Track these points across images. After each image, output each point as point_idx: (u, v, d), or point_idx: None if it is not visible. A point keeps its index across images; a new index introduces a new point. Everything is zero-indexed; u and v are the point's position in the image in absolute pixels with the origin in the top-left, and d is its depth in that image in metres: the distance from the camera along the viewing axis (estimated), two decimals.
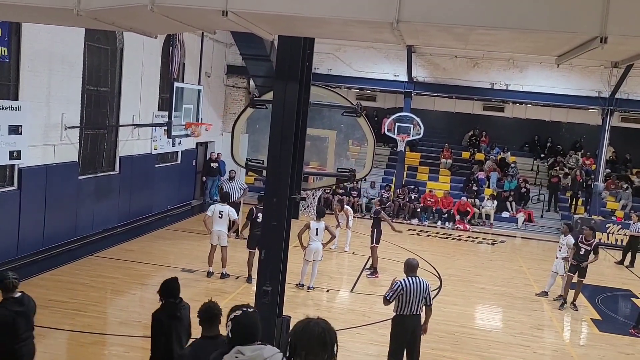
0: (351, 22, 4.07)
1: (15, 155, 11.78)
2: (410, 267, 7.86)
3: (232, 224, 12.49)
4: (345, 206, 16.77)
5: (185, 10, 4.13)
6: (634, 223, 18.37)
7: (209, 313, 4.78)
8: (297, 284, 12.18)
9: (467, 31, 3.95)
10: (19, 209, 12.05)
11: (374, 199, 22.32)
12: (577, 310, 12.55)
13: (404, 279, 7.74)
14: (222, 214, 12.31)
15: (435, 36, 4.29)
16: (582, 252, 12.51)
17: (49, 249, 12.90)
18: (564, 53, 4.47)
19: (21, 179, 12.08)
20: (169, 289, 5.76)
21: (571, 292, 12.75)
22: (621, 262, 18.07)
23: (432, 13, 3.79)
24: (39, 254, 12.55)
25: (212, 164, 20.66)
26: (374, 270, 13.80)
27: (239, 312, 3.82)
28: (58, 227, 13.18)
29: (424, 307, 7.87)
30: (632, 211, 20.23)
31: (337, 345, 3.26)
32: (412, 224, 21.22)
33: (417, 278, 7.78)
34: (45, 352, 8.53)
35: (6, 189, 11.89)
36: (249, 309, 3.87)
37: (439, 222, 21.50)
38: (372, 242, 13.90)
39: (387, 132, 21.60)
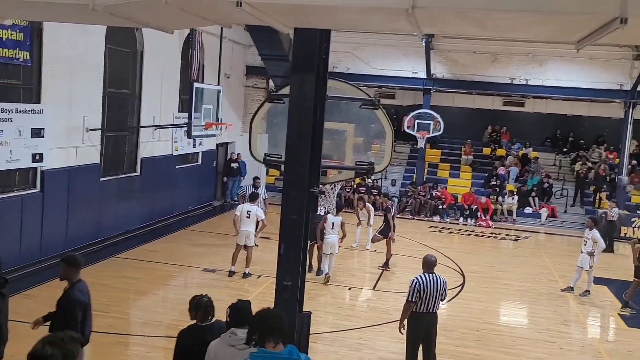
0: (366, 10, 4.04)
1: (37, 157, 11.94)
2: (428, 264, 7.73)
3: (260, 223, 12.55)
4: (367, 204, 16.70)
5: (199, 2, 4.14)
6: (611, 209, 18.58)
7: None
8: (324, 282, 12.30)
9: (484, 15, 3.89)
10: (42, 211, 12.21)
11: (395, 196, 22.22)
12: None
13: (420, 276, 7.62)
14: (249, 214, 12.37)
15: (452, 22, 4.24)
16: None
17: (71, 250, 12.98)
18: (583, 37, 4.38)
19: (44, 181, 12.23)
20: None
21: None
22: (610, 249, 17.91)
23: None
24: (61, 256, 12.66)
25: (232, 165, 20.75)
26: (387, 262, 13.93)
27: (236, 301, 4.85)
28: (80, 228, 13.33)
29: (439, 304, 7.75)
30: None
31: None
32: (434, 221, 21.08)
33: (434, 275, 7.62)
34: None
35: (29, 192, 12.05)
36: (244, 300, 4.92)
37: (461, 219, 21.32)
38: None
39: (407, 130, 21.49)
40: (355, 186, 21.74)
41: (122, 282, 11.54)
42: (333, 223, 12.43)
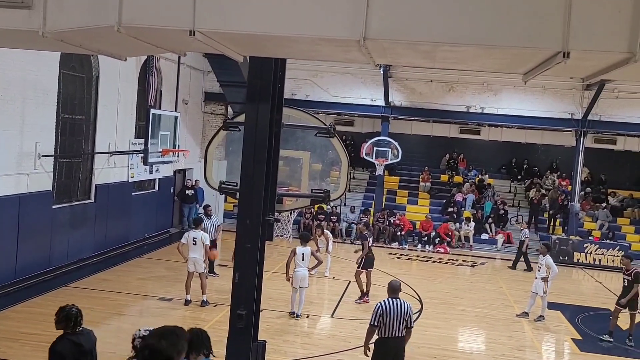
0: (319, 41, 4.09)
1: None
2: (393, 289, 7.77)
3: (205, 250, 12.33)
4: (325, 231, 16.70)
5: (152, 31, 4.12)
6: (522, 230, 19.53)
7: None
8: (289, 312, 12.00)
9: (433, 48, 3.99)
10: None
11: (354, 223, 22.28)
12: (632, 345, 11.96)
13: (384, 301, 7.65)
14: (195, 241, 12.22)
15: (403, 54, 4.32)
16: (626, 284, 12.03)
17: (21, 280, 12.59)
18: (530, 70, 4.52)
19: None
20: None
21: (621, 324, 12.30)
22: (513, 267, 19.04)
23: (398, 30, 3.82)
24: (10, 286, 12.24)
25: (187, 191, 20.50)
26: (362, 295, 13.60)
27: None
28: (31, 257, 12.90)
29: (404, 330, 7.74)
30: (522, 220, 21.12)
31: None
32: (393, 248, 21.20)
33: (398, 300, 7.67)
34: None
35: None
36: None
37: (419, 245, 21.51)
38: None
39: (365, 157, 21.68)
40: (314, 213, 21.73)
41: None
42: (303, 254, 11.88)
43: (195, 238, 12.23)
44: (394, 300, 7.65)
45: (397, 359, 7.75)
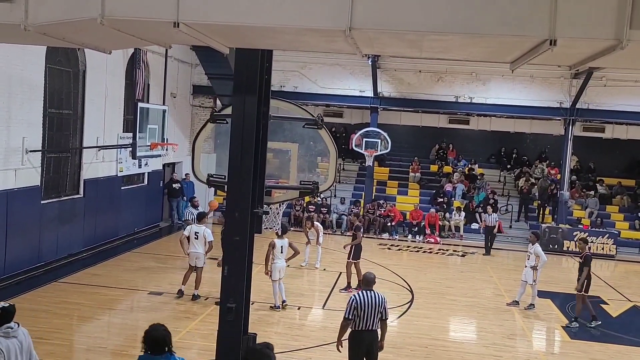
0: (304, 32, 4.06)
1: None
2: (367, 281, 7.66)
3: (207, 245, 12.30)
4: (315, 222, 16.69)
5: (135, 23, 4.07)
6: (489, 215, 19.80)
7: None
8: (271, 306, 11.95)
9: (419, 37, 3.97)
10: None
11: (344, 214, 22.29)
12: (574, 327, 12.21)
13: (358, 293, 7.55)
14: (197, 235, 12.20)
15: (389, 44, 4.30)
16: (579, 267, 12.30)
17: (10, 276, 12.51)
18: (517, 58, 4.52)
19: None
20: None
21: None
22: (487, 253, 19.45)
23: (383, 20, 3.80)
24: (1, 281, 12.18)
25: (174, 185, 20.40)
26: (347, 286, 13.64)
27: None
28: (20, 253, 12.83)
29: (380, 322, 7.59)
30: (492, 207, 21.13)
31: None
32: (383, 238, 21.25)
33: (372, 292, 7.53)
34: None
35: None
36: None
37: (410, 236, 21.56)
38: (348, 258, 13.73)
39: (355, 148, 21.67)
40: (304, 205, 21.73)
41: (63, 308, 11.13)
42: (282, 247, 11.92)
43: (197, 232, 12.22)
44: (369, 292, 7.52)
45: (370, 351, 7.64)
